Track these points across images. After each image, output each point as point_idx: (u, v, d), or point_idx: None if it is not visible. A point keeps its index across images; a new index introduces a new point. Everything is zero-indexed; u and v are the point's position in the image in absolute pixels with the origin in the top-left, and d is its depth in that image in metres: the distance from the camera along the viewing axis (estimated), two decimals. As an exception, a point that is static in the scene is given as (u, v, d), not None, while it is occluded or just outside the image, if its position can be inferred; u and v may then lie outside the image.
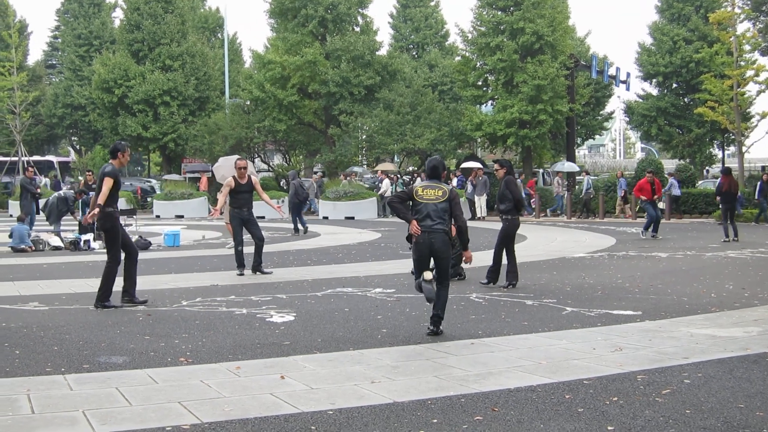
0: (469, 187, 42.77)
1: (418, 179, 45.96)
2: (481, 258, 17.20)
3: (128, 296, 14.52)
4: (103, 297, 14.29)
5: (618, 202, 43.98)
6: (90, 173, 33.95)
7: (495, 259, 16.70)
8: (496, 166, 17.31)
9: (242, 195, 18.97)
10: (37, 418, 7.60)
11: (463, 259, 12.12)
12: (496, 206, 17.10)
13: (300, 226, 33.22)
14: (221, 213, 20.23)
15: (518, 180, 43.80)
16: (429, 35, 79.14)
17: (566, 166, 48.47)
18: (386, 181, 46.35)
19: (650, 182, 30.44)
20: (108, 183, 14.29)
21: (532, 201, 43.69)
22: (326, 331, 11.91)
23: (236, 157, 21.98)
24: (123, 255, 14.58)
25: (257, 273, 18.99)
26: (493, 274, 16.64)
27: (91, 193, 28.19)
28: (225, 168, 23.58)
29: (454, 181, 45.46)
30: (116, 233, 14.44)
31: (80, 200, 29.38)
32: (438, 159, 12.27)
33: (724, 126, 45.31)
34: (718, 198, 29.44)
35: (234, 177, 19.01)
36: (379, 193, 45.99)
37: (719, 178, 30.45)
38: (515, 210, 16.70)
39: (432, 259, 11.76)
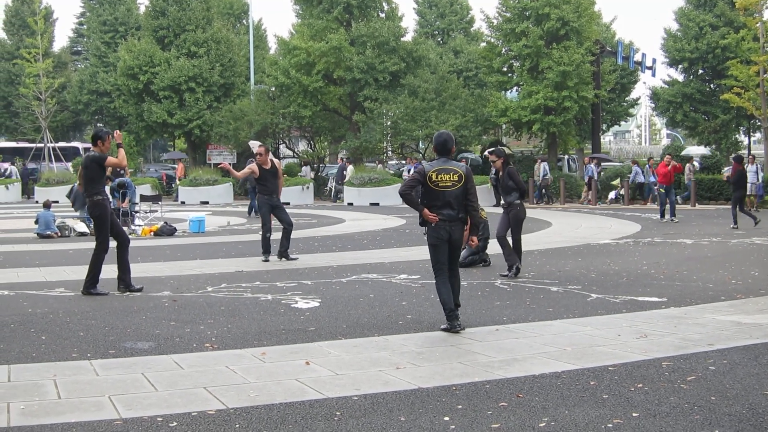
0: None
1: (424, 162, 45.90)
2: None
3: (123, 284, 14.54)
4: (90, 284, 14.35)
5: (584, 189, 44.03)
6: None
7: (516, 246, 16.54)
8: (492, 157, 16.77)
9: (269, 181, 18.97)
10: (63, 404, 7.65)
11: (469, 242, 11.86)
12: (502, 199, 16.80)
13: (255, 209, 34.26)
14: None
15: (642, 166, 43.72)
16: (454, 21, 78.96)
17: (697, 151, 47.12)
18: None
19: (667, 165, 30.36)
20: (111, 161, 14.53)
21: (656, 188, 42.64)
22: (351, 317, 11.93)
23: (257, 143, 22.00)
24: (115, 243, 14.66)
25: (283, 259, 19.03)
26: (514, 256, 16.42)
27: (117, 179, 28.37)
28: None
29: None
30: (105, 221, 14.44)
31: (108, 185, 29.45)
32: (448, 133, 11.56)
33: (750, 112, 45.00)
34: (730, 185, 29.40)
35: (257, 164, 19.00)
36: None
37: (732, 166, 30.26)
38: (521, 197, 16.57)
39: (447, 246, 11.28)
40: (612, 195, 43.98)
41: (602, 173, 45.70)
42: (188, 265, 18.52)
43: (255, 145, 19.91)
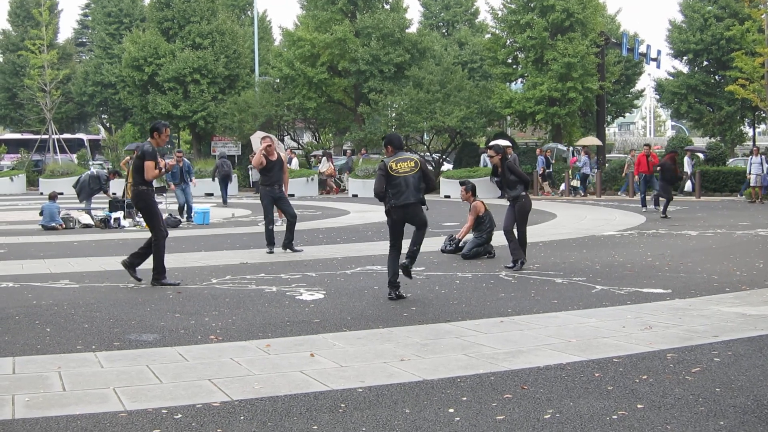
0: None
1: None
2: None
3: (131, 269, 14.60)
4: (158, 275, 14.37)
5: (537, 180, 44.03)
6: (180, 153, 33.70)
7: (521, 239, 16.52)
8: (490, 152, 16.83)
9: (273, 172, 18.95)
10: (68, 396, 7.65)
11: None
12: (507, 194, 16.78)
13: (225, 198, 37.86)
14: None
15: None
16: (459, 13, 79.03)
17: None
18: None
19: (647, 155, 30.52)
20: (149, 168, 14.34)
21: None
22: (355, 309, 11.94)
23: (262, 133, 21.94)
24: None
25: (287, 250, 19.01)
26: (519, 251, 16.42)
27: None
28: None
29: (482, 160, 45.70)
30: (150, 210, 14.50)
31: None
32: (397, 134, 13.73)
33: (755, 104, 45.01)
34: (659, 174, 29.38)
35: (264, 155, 18.96)
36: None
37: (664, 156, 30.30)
38: (525, 188, 16.56)
39: (409, 223, 12.99)
40: (563, 186, 43.88)
41: (607, 165, 45.57)
42: (192, 257, 18.55)
43: (256, 139, 19.95)
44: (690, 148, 45.74)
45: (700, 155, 44.43)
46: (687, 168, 41.94)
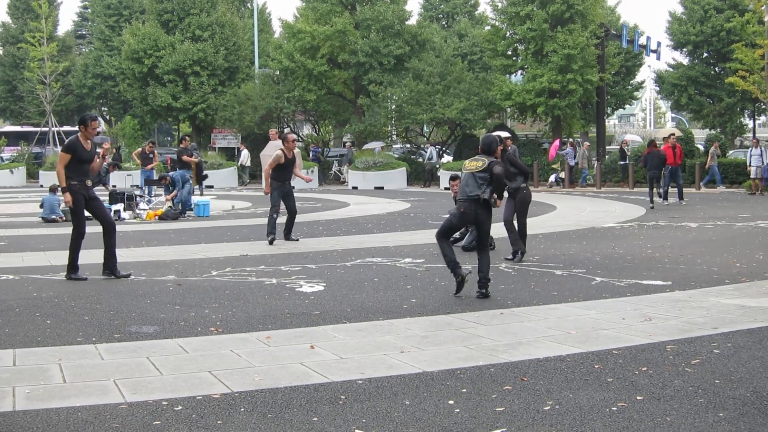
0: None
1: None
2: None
3: (108, 269, 14.43)
4: (69, 269, 14.28)
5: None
6: (151, 144, 34.41)
7: (521, 230, 16.52)
8: None
9: (288, 168, 19.28)
10: (68, 388, 7.66)
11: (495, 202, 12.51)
12: (507, 186, 16.71)
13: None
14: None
15: None
16: (459, 5, 78.93)
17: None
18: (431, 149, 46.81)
19: (672, 147, 30.32)
20: (62, 160, 14.29)
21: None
22: (356, 301, 11.94)
23: (289, 134, 22.11)
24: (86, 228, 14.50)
25: (289, 239, 19.23)
26: (519, 242, 16.41)
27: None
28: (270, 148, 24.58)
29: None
30: (76, 207, 14.36)
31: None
32: (491, 136, 12.96)
33: (755, 95, 44.92)
34: (642, 166, 29.36)
35: (283, 151, 19.17)
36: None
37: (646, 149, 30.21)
38: (525, 180, 16.58)
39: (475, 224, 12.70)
40: (552, 178, 43.86)
41: (607, 157, 45.55)
42: (193, 249, 18.53)
43: (273, 147, 20.23)
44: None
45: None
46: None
